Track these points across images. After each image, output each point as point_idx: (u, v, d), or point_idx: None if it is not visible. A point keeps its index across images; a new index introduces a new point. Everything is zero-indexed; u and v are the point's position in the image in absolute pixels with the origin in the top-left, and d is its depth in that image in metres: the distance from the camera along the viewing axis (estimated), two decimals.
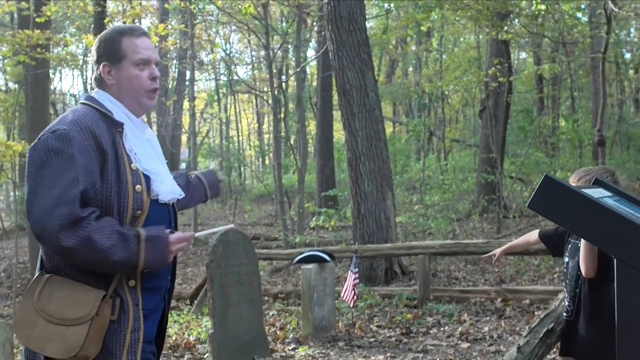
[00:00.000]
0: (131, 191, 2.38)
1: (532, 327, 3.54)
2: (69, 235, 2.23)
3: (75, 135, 2.32)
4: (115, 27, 2.59)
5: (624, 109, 26.60)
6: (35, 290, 2.35)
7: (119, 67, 2.51)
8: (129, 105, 2.54)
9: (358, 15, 10.00)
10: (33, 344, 2.31)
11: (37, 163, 2.31)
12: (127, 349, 2.35)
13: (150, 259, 2.34)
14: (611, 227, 2.16)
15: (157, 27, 11.46)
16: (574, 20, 13.92)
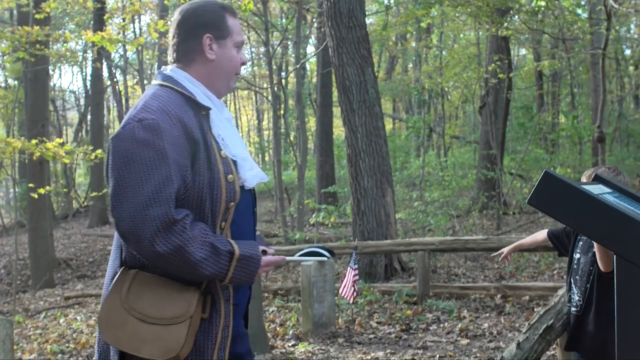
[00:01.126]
0: (223, 181, 2.20)
1: (532, 324, 3.54)
2: (163, 241, 2.06)
3: (165, 125, 2.12)
4: (212, 2, 2.35)
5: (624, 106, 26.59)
6: (122, 287, 2.16)
7: (223, 43, 2.33)
8: (217, 85, 2.35)
9: (358, 12, 9.99)
10: (125, 345, 2.12)
11: (124, 155, 2.09)
12: (218, 346, 2.21)
13: (237, 278, 2.18)
14: (611, 224, 2.16)
15: (157, 23, 11.43)
16: (574, 16, 13.90)
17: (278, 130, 15.92)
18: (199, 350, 2.18)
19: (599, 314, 3.34)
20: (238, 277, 2.17)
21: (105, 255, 17.15)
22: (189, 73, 2.31)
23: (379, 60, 28.14)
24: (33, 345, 7.03)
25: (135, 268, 2.20)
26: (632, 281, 2.15)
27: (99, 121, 23.27)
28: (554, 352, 5.06)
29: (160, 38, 14.10)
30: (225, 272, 2.14)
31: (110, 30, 11.30)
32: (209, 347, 2.19)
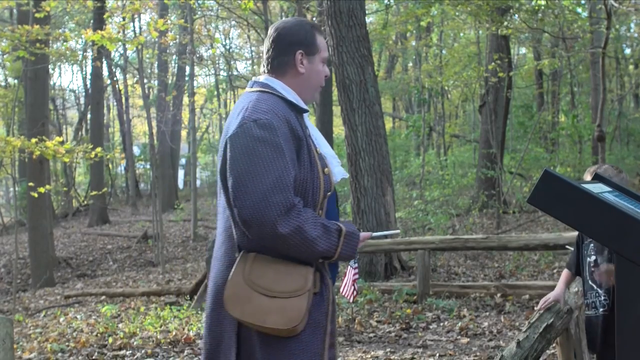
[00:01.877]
0: (321, 174, 2.48)
1: (532, 322, 3.55)
2: (285, 223, 2.30)
3: (277, 124, 2.39)
4: (304, 20, 2.66)
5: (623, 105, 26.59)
6: (243, 267, 2.39)
7: (312, 59, 2.59)
8: (304, 95, 2.61)
9: (358, 11, 9.98)
10: (251, 318, 2.35)
11: (244, 151, 2.35)
12: (330, 318, 2.46)
13: (344, 252, 2.43)
14: (611, 222, 2.17)
15: (157, 22, 11.43)
16: (574, 15, 13.90)
17: None
18: (314, 323, 2.42)
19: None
20: (345, 252, 2.43)
21: (105, 254, 17.17)
22: (283, 82, 2.58)
23: (379, 59, 28.14)
24: (33, 344, 7.03)
25: (251, 252, 2.42)
26: (633, 279, 2.15)
27: (98, 120, 23.26)
28: (553, 350, 5.06)
29: (160, 37, 14.11)
30: (335, 248, 2.40)
31: (110, 29, 11.29)
32: (322, 319, 2.44)
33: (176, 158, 27.93)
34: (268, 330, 2.35)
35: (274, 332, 2.36)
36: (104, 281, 13.42)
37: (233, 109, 2.58)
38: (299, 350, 2.40)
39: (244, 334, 2.41)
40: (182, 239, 18.40)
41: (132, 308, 9.46)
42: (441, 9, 16.69)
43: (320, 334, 2.44)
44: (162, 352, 6.29)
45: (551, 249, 8.22)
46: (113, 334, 7.12)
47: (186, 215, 21.58)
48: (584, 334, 4.24)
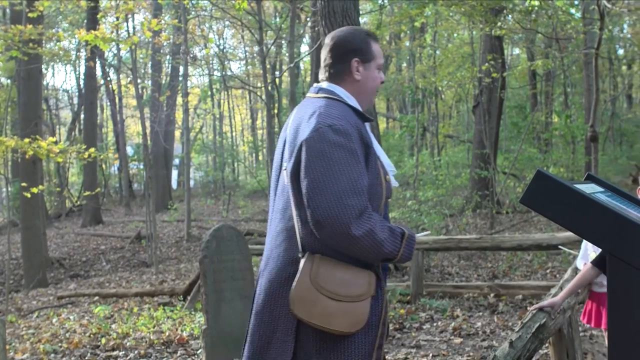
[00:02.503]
0: (383, 180, 2.56)
1: (525, 322, 3.55)
2: (358, 226, 2.36)
3: (351, 130, 2.46)
4: (360, 29, 2.75)
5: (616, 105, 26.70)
6: (309, 268, 2.45)
7: (368, 66, 2.67)
8: (361, 100, 2.69)
9: (352, 11, 9.97)
10: (316, 320, 2.42)
11: (320, 155, 2.41)
12: (382, 322, 2.54)
13: (405, 254, 2.50)
14: (603, 222, 2.17)
15: (150, 22, 11.41)
16: (567, 16, 13.92)
17: (272, 129, 15.91)
18: (368, 324, 2.49)
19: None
20: (405, 254, 2.51)
21: (98, 255, 17.13)
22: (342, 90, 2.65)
23: None
24: (25, 345, 7.01)
25: (316, 253, 2.48)
26: (625, 279, 2.16)
27: (92, 120, 23.19)
28: (546, 350, 5.07)
29: (154, 37, 14.08)
30: (397, 250, 2.47)
31: (104, 29, 11.26)
32: (376, 321, 2.52)
33: (170, 158, 27.89)
34: (332, 332, 2.43)
35: (334, 333, 2.44)
36: (97, 282, 13.38)
37: (297, 113, 2.64)
38: (351, 349, 2.48)
39: (301, 330, 2.48)
40: (175, 240, 18.38)
41: (125, 309, 9.44)
42: (435, 9, 16.71)
43: (372, 336, 2.52)
44: (155, 353, 6.28)
45: (544, 249, 8.23)
46: (106, 335, 7.10)
47: (180, 215, 21.55)
48: (577, 333, 4.25)
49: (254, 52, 31.01)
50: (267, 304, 2.55)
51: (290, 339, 2.49)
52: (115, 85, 26.40)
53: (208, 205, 26.79)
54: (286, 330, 2.50)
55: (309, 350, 2.48)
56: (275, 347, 2.52)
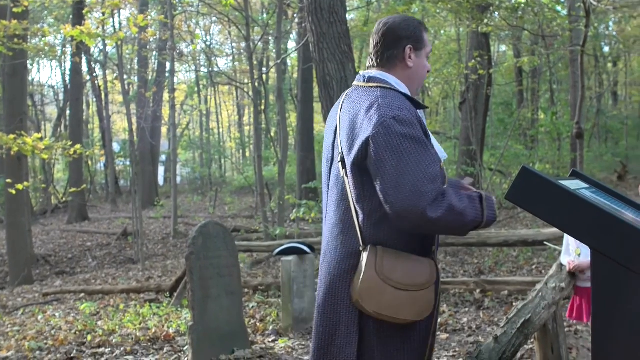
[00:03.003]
0: (439, 166, 2.54)
1: (510, 318, 3.57)
2: (435, 208, 2.37)
3: (414, 120, 2.48)
4: (414, 18, 2.73)
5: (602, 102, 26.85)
6: (374, 261, 2.47)
7: (419, 54, 2.68)
8: (411, 87, 2.69)
9: (339, 7, 9.97)
10: (385, 311, 2.46)
11: (390, 148, 2.41)
12: (436, 307, 2.62)
13: (489, 216, 2.51)
14: (588, 219, 2.18)
15: (137, 18, 11.35)
16: (553, 13, 13.98)
17: (259, 125, 15.89)
18: None
19: None
20: (489, 215, 2.51)
21: (84, 252, 17.05)
22: (393, 77, 2.64)
23: (360, 56, 28.15)
24: (11, 342, 6.97)
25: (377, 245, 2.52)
26: (609, 275, 2.17)
27: (78, 116, 23.06)
28: (532, 345, 5.10)
29: (140, 33, 14.02)
30: (481, 214, 2.48)
31: (89, 25, 11.20)
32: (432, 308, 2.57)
33: (156, 155, 27.79)
34: (399, 321, 2.49)
35: (399, 322, 2.50)
36: (83, 279, 13.32)
37: (348, 103, 2.63)
38: (412, 336, 2.56)
39: (362, 322, 2.52)
40: (162, 236, 18.32)
41: (112, 305, 9.40)
42: (422, 6, 16.74)
43: (429, 321, 2.59)
44: (141, 350, 6.26)
45: (530, 245, 8.28)
46: (92, 332, 7.08)
47: (166, 212, 21.48)
48: (561, 329, 4.28)
49: (241, 48, 30.93)
50: (328, 297, 2.59)
51: (354, 330, 2.53)
52: (101, 81, 26.27)
53: (195, 201, 26.72)
54: (349, 322, 2.54)
55: (371, 339, 2.53)
56: (340, 338, 2.57)
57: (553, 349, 4.14)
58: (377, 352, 2.53)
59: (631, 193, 16.31)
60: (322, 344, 2.62)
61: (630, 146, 24.41)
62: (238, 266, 6.10)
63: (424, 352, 2.61)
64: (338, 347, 2.57)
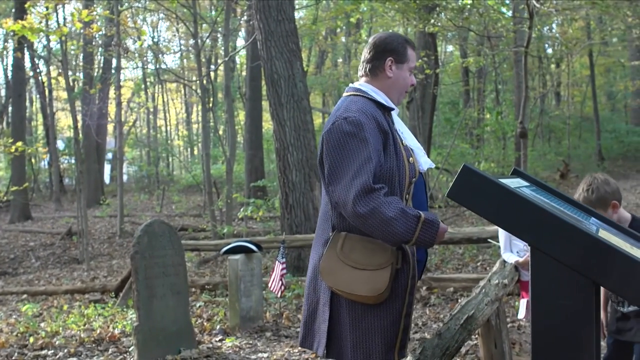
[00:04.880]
0: (407, 163, 2.86)
1: (453, 314, 3.62)
2: (362, 204, 2.65)
3: (364, 120, 2.76)
4: (400, 35, 3.07)
5: (545, 102, 27.43)
6: (335, 243, 2.83)
7: (401, 67, 3.00)
8: (392, 96, 3.00)
9: (287, 5, 9.96)
10: (343, 287, 2.78)
11: (336, 145, 2.76)
12: (409, 291, 2.84)
13: (422, 238, 2.71)
14: (526, 216, 2.23)
15: (81, 13, 11.14)
16: (498, 14, 14.21)
17: (207, 123, 15.77)
18: (394, 294, 2.81)
19: None
20: (422, 238, 2.71)
21: (27, 252, 16.66)
22: (373, 85, 3.00)
23: (309, 55, 28.20)
24: None
25: (343, 231, 2.85)
26: (547, 271, 2.22)
27: (20, 113, 22.52)
28: (476, 342, 5.18)
29: (85, 28, 13.75)
30: (412, 233, 2.68)
31: (32, 19, 10.94)
32: (402, 292, 2.83)
33: (102, 152, 27.32)
34: (356, 297, 2.76)
35: (361, 300, 2.77)
36: (26, 279, 13.03)
37: (333, 110, 3.00)
38: (380, 315, 2.81)
39: (335, 300, 2.84)
40: (108, 235, 18.03)
41: (55, 306, 9.22)
42: (370, 5, 16.83)
43: (399, 304, 2.82)
44: (85, 351, 6.15)
45: (475, 243, 8.40)
46: (34, 334, 6.92)
47: (112, 211, 21.15)
48: (504, 325, 4.35)
49: (189, 45, 30.64)
50: (311, 278, 2.97)
51: (327, 308, 2.85)
52: (44, 78, 25.68)
53: (142, 200, 26.35)
54: (324, 301, 2.87)
55: (344, 318, 2.83)
56: (318, 315, 2.92)
57: (496, 344, 4.20)
58: (350, 330, 2.83)
59: (572, 191, 16.69)
60: (307, 318, 2.99)
61: (572, 145, 24.99)
62: (184, 265, 6.05)
63: (396, 332, 2.84)
64: (317, 324, 2.93)
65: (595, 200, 3.48)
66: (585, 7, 12.58)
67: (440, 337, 3.36)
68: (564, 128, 25.61)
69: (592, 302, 2.19)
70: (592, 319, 2.19)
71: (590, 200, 3.49)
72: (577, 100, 29.06)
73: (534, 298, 2.28)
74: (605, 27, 20.28)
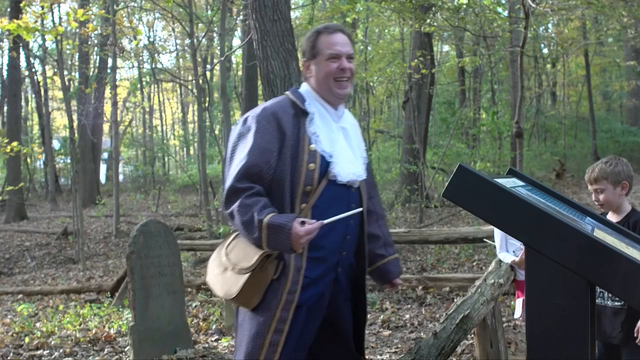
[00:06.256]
0: (304, 169, 2.70)
1: (449, 314, 3.62)
2: (226, 205, 2.66)
3: (260, 119, 2.72)
4: (313, 30, 2.95)
5: (541, 102, 27.47)
6: (225, 242, 2.82)
7: (317, 61, 2.86)
8: (323, 94, 2.86)
9: (283, 5, 9.93)
10: (210, 283, 2.79)
11: (230, 145, 2.77)
12: (282, 306, 2.65)
13: (272, 245, 2.58)
14: (521, 215, 2.23)
15: (77, 12, 11.12)
16: (494, 14, 14.22)
17: (203, 123, 15.76)
18: (265, 305, 2.66)
19: None
20: (273, 244, 2.57)
21: (22, 252, 16.62)
22: (310, 87, 2.90)
23: None
24: None
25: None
26: (542, 271, 2.22)
27: (15, 112, 22.47)
28: (472, 341, 5.19)
29: (80, 27, 13.72)
30: (260, 238, 2.57)
31: (27, 19, 10.91)
32: (273, 305, 2.65)
33: (98, 152, 27.28)
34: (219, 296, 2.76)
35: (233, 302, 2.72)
36: (21, 279, 13.00)
37: None
38: (246, 323, 2.73)
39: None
40: (103, 235, 18.00)
41: (51, 306, 9.21)
42: (366, 5, 16.83)
43: (268, 317, 2.66)
44: (81, 351, 6.14)
45: (470, 242, 8.42)
46: (30, 334, 6.91)
47: (108, 210, 21.11)
48: (500, 324, 4.36)
49: (184, 45, 30.60)
50: None
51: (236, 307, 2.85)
52: (40, 77, 25.64)
53: (137, 200, 26.30)
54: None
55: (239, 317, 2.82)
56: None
57: (492, 343, 4.22)
58: (238, 331, 2.79)
59: (568, 191, 16.74)
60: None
61: (568, 145, 25.02)
62: (180, 265, 6.05)
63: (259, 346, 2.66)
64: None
65: (610, 172, 3.47)
66: (580, 7, 12.58)
67: (436, 337, 3.36)
68: (560, 128, 25.65)
69: (587, 302, 2.19)
70: (587, 319, 2.20)
71: (605, 171, 3.48)
72: (572, 100, 29.10)
73: (529, 297, 2.28)
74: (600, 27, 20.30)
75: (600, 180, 3.49)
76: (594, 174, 3.52)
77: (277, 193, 2.68)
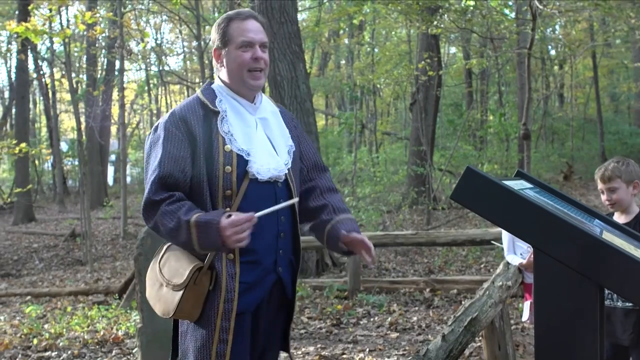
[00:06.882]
0: (221, 172, 2.53)
1: (457, 316, 3.62)
2: (148, 217, 2.50)
3: (168, 125, 2.58)
4: (225, 14, 2.76)
5: (548, 104, 27.40)
6: (159, 255, 2.64)
7: (228, 50, 2.66)
8: (236, 86, 2.68)
9: (289, 7, 9.98)
10: (151, 301, 2.62)
11: (145, 155, 2.64)
12: (221, 317, 2.52)
13: (203, 243, 2.43)
14: (530, 218, 2.23)
15: (84, 15, 11.17)
16: (501, 16, 14.21)
17: None
18: (204, 318, 2.54)
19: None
20: (204, 242, 2.42)
21: (30, 253, 16.68)
22: (221, 79, 2.72)
23: (312, 57, 28.20)
24: None
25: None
26: (550, 273, 2.22)
27: (24, 115, 22.56)
28: (480, 343, 5.18)
29: (88, 30, 13.77)
30: (190, 239, 2.43)
31: (35, 21, 10.97)
32: (213, 315, 2.52)
33: (105, 154, 27.34)
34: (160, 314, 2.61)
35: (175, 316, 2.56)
36: (30, 281, 13.04)
37: None
38: (189, 334, 2.58)
39: None
40: (111, 237, 18.04)
41: (59, 308, 9.23)
42: (373, 7, 16.84)
43: (210, 328, 2.53)
44: (89, 353, 6.16)
45: (478, 244, 8.40)
46: (38, 335, 6.93)
47: (116, 212, 21.15)
48: (508, 327, 4.36)
49: (192, 47, 30.66)
50: None
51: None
52: (48, 79, 25.72)
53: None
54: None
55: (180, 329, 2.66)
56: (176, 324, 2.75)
57: (500, 346, 4.21)
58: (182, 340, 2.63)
59: (576, 193, 16.70)
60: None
61: (575, 147, 24.95)
62: None
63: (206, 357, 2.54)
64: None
65: (624, 170, 3.46)
66: (588, 8, 12.57)
67: (444, 339, 3.36)
68: (567, 130, 25.58)
69: (596, 304, 2.19)
70: (596, 321, 2.19)
71: (619, 169, 3.47)
72: (580, 102, 29.01)
73: (537, 300, 2.28)
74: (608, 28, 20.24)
75: (614, 179, 3.47)
76: (607, 173, 3.50)
77: (197, 200, 2.54)
